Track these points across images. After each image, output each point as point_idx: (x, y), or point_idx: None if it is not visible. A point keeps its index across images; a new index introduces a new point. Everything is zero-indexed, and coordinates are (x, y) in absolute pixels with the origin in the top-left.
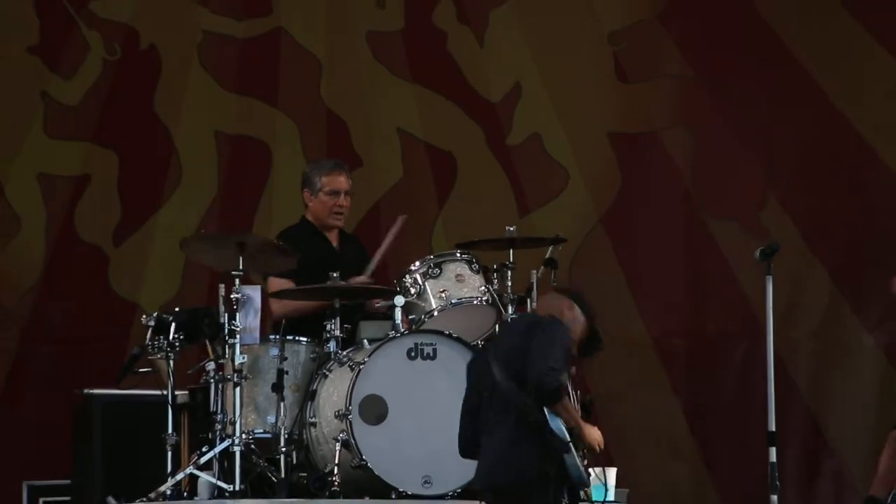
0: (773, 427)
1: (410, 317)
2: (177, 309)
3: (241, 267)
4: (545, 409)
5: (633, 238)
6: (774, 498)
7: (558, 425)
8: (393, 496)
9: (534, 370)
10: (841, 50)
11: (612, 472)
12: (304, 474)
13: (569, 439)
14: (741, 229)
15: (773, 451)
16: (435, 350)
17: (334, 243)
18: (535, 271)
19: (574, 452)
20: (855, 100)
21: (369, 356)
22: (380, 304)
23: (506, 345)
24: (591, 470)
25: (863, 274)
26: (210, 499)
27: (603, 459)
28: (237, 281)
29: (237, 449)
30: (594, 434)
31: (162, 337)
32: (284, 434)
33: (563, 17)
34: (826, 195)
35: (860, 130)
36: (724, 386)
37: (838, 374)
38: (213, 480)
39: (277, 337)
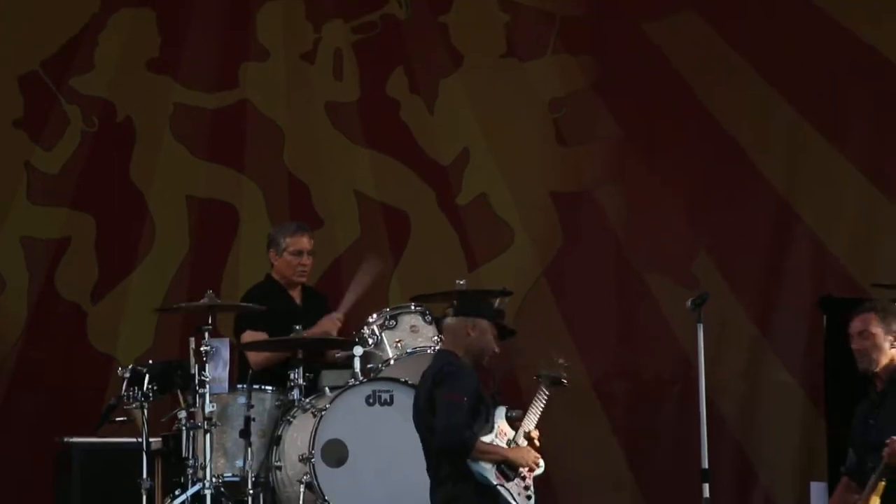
0: (705, 464)
1: (368, 366)
2: (150, 361)
3: (209, 322)
4: (469, 460)
5: (573, 290)
6: None
7: (481, 471)
8: None
9: (438, 435)
10: (750, 105)
11: None
12: None
13: (494, 482)
14: (673, 281)
15: (706, 486)
16: (392, 396)
17: (297, 300)
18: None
19: (504, 492)
20: (765, 151)
21: (330, 402)
22: (339, 354)
23: (420, 401)
24: (531, 487)
25: (781, 318)
26: None
27: (550, 498)
28: (206, 334)
29: (208, 492)
30: (524, 456)
31: (137, 388)
32: (252, 477)
33: (506, 86)
34: (750, 246)
35: (773, 183)
36: (660, 424)
37: (763, 411)
38: None
39: (245, 386)
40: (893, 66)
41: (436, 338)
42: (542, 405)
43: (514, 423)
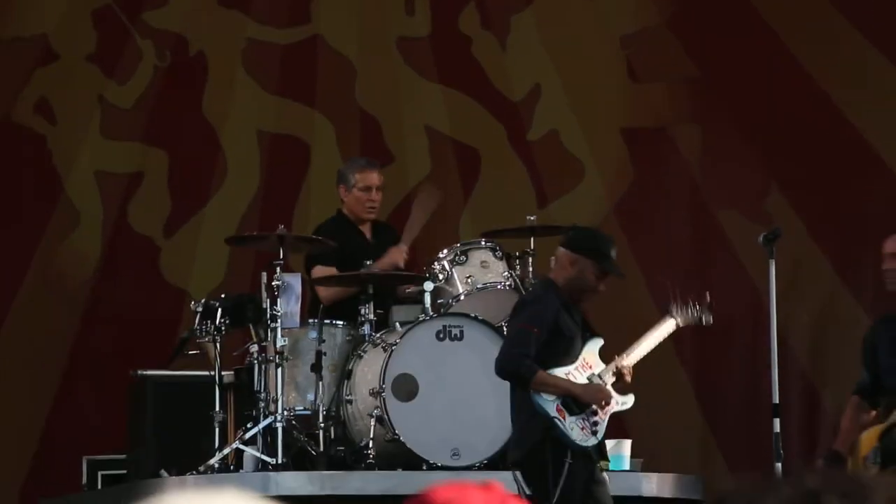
0: (776, 399)
1: (439, 301)
2: (223, 295)
3: (281, 257)
4: (531, 390)
5: (644, 227)
6: (778, 465)
7: (542, 402)
8: (424, 468)
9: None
10: (839, 50)
11: (626, 444)
12: (342, 448)
13: (552, 414)
14: (745, 218)
15: (776, 421)
16: (462, 332)
17: (368, 235)
18: (554, 258)
19: (560, 424)
20: (848, 94)
21: (401, 338)
22: (410, 289)
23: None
24: (603, 423)
25: (859, 256)
26: (254, 471)
27: (617, 432)
28: (278, 269)
29: (279, 425)
30: (592, 394)
31: (209, 321)
32: (323, 411)
33: (578, 22)
34: (825, 184)
35: (856, 124)
36: (729, 362)
37: (834, 349)
38: (258, 454)
39: (316, 321)
40: None
41: (506, 273)
42: (660, 339)
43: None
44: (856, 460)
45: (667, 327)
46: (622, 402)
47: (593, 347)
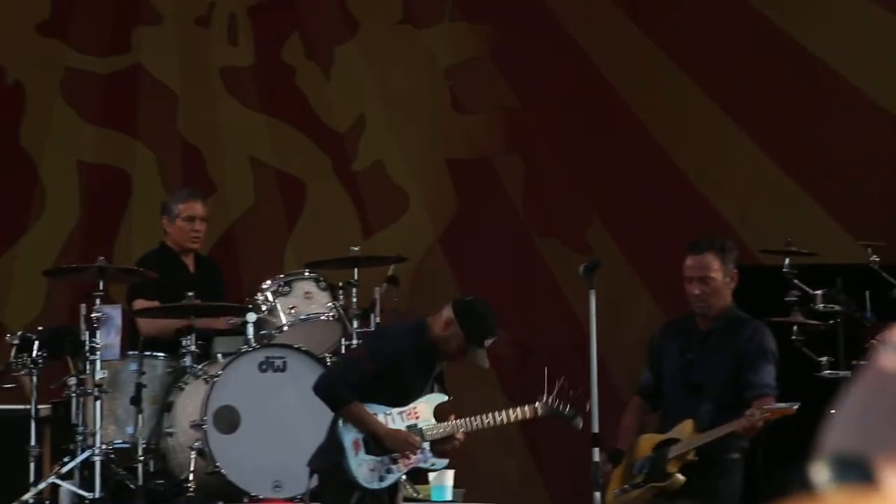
0: (596, 429)
1: (262, 332)
2: (40, 328)
3: (101, 289)
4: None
5: (468, 256)
6: (597, 495)
7: (344, 431)
8: (245, 500)
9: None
10: (657, 82)
11: (449, 474)
12: (161, 481)
13: (346, 445)
14: (567, 247)
15: (596, 451)
16: (285, 363)
17: (191, 267)
18: (378, 288)
19: (350, 457)
20: (661, 123)
21: (223, 369)
22: (233, 321)
23: None
24: (395, 473)
25: (678, 285)
26: None
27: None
28: (98, 301)
29: (97, 459)
30: (397, 442)
31: (26, 354)
32: (143, 444)
33: (402, 53)
34: (644, 214)
35: (669, 154)
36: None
37: None
38: (75, 489)
39: (136, 353)
40: (798, 46)
41: (329, 304)
42: (511, 420)
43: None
44: (630, 460)
45: (525, 412)
46: (431, 462)
47: (432, 401)
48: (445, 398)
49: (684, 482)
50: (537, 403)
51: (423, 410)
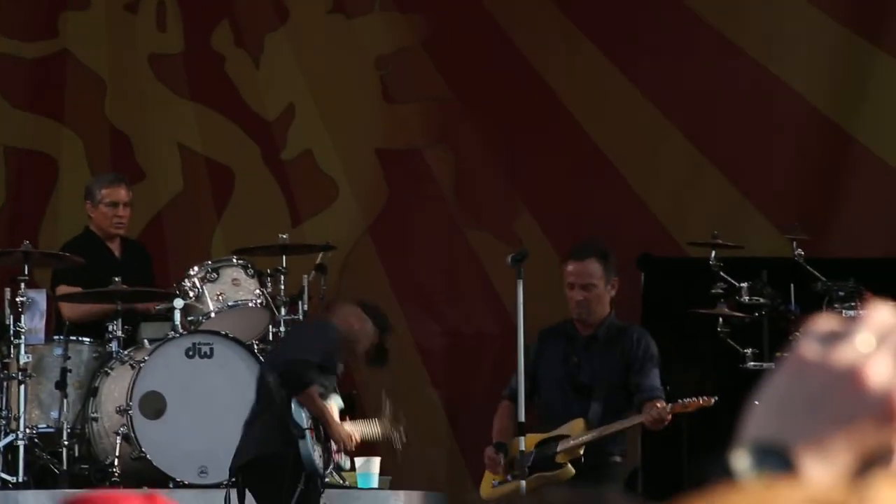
0: (522, 418)
1: (189, 318)
2: None
3: (26, 273)
4: (292, 398)
5: (397, 246)
6: (523, 483)
7: (300, 414)
8: (170, 486)
9: (285, 357)
10: (579, 68)
11: (375, 461)
12: (86, 466)
13: (305, 427)
14: (496, 239)
15: (522, 440)
16: (212, 349)
17: (116, 252)
18: (306, 276)
19: (308, 440)
20: (592, 115)
21: (149, 355)
22: (159, 306)
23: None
24: (339, 461)
25: None
26: None
27: (367, 450)
28: (23, 285)
29: (21, 443)
30: (342, 431)
31: None
32: (67, 429)
33: (333, 41)
34: (571, 205)
35: (599, 145)
36: (479, 380)
37: None
38: None
39: (61, 337)
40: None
41: (258, 291)
42: (377, 433)
43: (342, 415)
44: (510, 456)
45: (372, 427)
46: (344, 460)
47: (338, 401)
48: (339, 398)
49: (573, 474)
50: (379, 422)
51: (334, 410)
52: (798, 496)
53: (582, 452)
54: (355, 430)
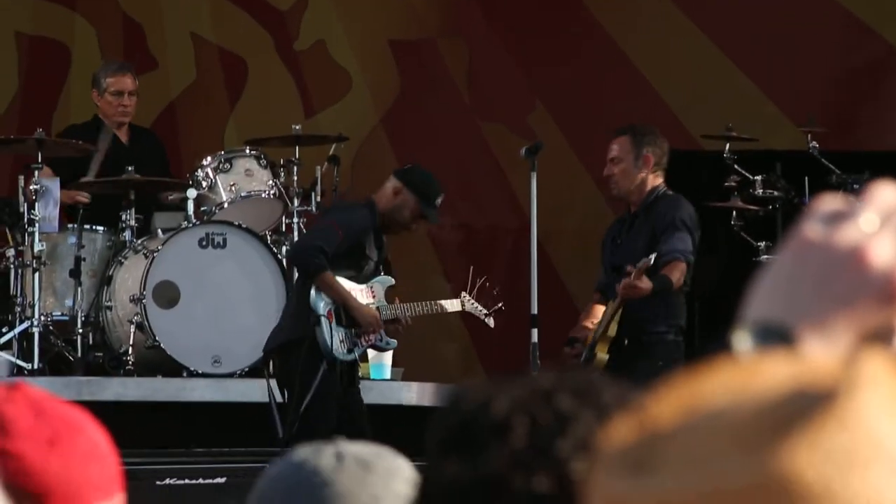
0: (535, 310)
1: (202, 208)
2: None
3: (39, 161)
4: (312, 285)
5: (410, 139)
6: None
7: (317, 299)
8: (184, 375)
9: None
10: None
11: (388, 353)
12: (100, 354)
13: (321, 313)
14: (511, 131)
15: (534, 332)
16: (225, 239)
17: (123, 139)
18: (319, 167)
19: (325, 326)
20: (612, 12)
21: (163, 244)
22: (173, 196)
23: None
24: (360, 348)
25: None
26: (9, 377)
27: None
28: (36, 173)
29: (36, 330)
30: (366, 317)
31: None
32: (81, 317)
33: None
34: (586, 99)
35: (613, 37)
36: (492, 272)
37: (594, 263)
38: (13, 359)
39: (75, 226)
40: None
41: (270, 181)
42: (441, 310)
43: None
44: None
45: (452, 305)
46: (386, 342)
47: (385, 283)
48: (392, 281)
49: (606, 361)
50: (462, 298)
51: (378, 291)
52: (784, 371)
53: (613, 332)
54: (406, 311)
